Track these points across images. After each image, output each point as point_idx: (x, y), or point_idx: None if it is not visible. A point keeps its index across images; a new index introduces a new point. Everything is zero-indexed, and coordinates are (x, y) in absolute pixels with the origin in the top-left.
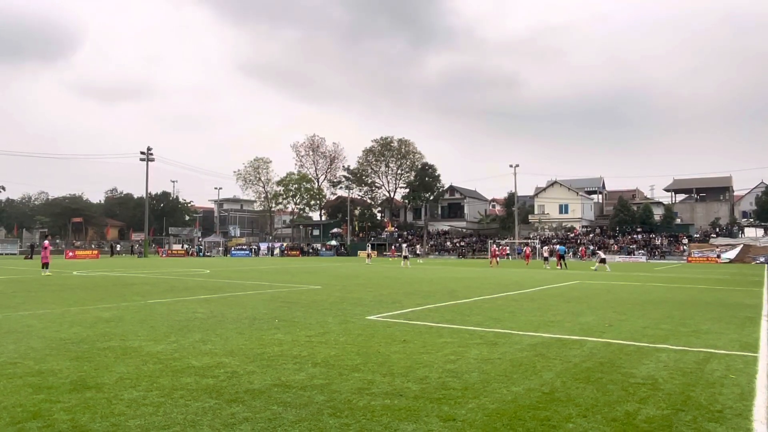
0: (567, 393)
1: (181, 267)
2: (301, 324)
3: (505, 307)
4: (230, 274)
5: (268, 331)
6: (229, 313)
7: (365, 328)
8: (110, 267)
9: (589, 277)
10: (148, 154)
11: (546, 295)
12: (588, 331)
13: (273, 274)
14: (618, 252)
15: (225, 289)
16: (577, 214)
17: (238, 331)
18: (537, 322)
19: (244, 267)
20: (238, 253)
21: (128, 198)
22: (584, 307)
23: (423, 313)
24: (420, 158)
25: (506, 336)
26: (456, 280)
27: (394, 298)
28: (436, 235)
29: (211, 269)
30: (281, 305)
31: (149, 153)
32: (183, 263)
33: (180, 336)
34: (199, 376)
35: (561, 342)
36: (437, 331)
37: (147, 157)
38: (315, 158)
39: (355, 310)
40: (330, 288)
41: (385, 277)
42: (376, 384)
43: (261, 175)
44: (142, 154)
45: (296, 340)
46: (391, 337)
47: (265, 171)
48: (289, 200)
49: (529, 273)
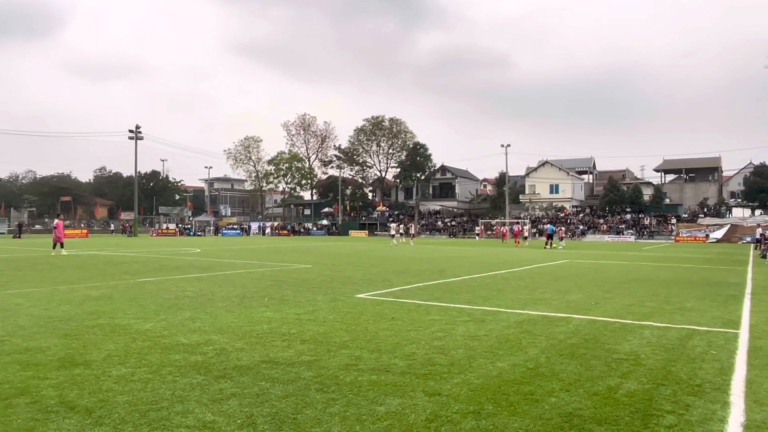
0: (551, 368)
1: (171, 246)
2: (291, 302)
3: (494, 286)
4: (221, 253)
5: (258, 309)
6: (218, 291)
7: (354, 306)
8: (99, 246)
9: (579, 257)
10: (137, 132)
11: (535, 274)
12: (574, 308)
13: (263, 253)
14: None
15: (215, 268)
16: (568, 194)
17: (228, 309)
18: (525, 300)
19: (234, 246)
20: (229, 232)
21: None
22: (572, 286)
23: (412, 292)
24: (411, 138)
25: (494, 314)
26: (446, 259)
27: (383, 276)
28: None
29: (202, 248)
30: (271, 284)
31: (138, 131)
32: (173, 242)
33: (169, 314)
34: (187, 353)
35: (547, 319)
36: (426, 309)
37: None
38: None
39: (345, 288)
40: (320, 267)
41: (376, 256)
42: (364, 360)
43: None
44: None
45: (285, 318)
46: (380, 314)
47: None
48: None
49: (519, 252)
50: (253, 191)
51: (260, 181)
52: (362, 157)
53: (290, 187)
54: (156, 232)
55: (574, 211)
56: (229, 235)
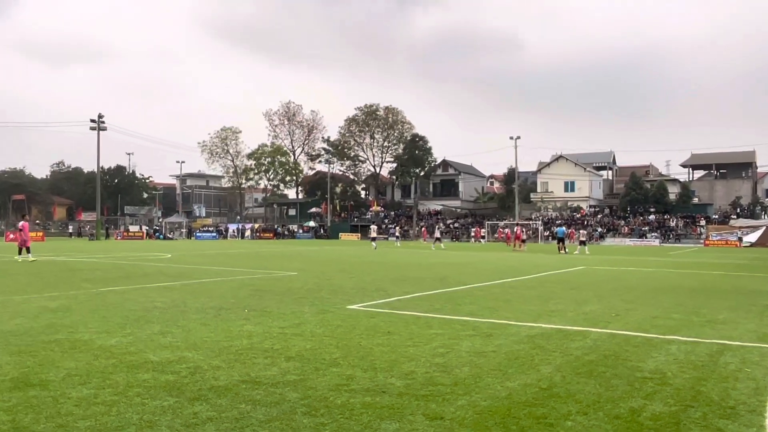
0: (567, 388)
1: (138, 251)
2: (274, 314)
3: (502, 296)
4: (194, 259)
5: (237, 322)
6: (192, 302)
7: (345, 319)
8: (57, 251)
9: (596, 263)
10: (99, 122)
11: (547, 282)
12: (592, 321)
13: (243, 259)
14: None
15: (188, 276)
16: (585, 193)
17: (203, 322)
18: (536, 311)
19: (210, 251)
20: (203, 235)
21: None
22: (589, 295)
23: (410, 302)
24: (409, 129)
25: (502, 327)
26: (448, 265)
27: (378, 285)
28: (427, 216)
29: (173, 253)
30: (251, 293)
31: (101, 121)
32: (140, 247)
33: (136, 328)
34: (157, 371)
35: (562, 333)
36: (426, 322)
37: (98, 125)
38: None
39: (335, 298)
40: (307, 274)
41: (369, 262)
42: (357, 380)
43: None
44: (93, 122)
45: (268, 332)
46: (374, 328)
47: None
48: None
49: (529, 258)
50: (231, 189)
51: (239, 177)
52: (354, 151)
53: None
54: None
55: (592, 211)
56: (203, 238)
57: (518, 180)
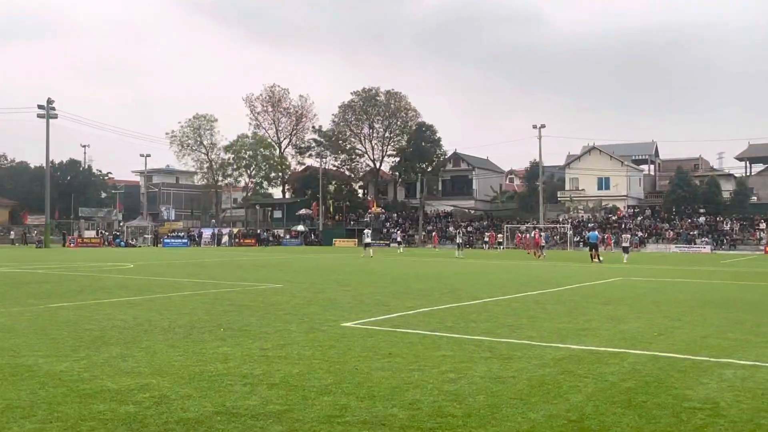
0: (601, 420)
1: (95, 260)
2: (255, 333)
3: (524, 311)
4: (161, 270)
5: (211, 344)
6: (158, 320)
7: (339, 339)
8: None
9: (636, 273)
10: (48, 108)
11: (578, 296)
12: (631, 341)
13: (219, 270)
14: (674, 240)
15: (154, 289)
16: (622, 191)
17: (170, 344)
18: (565, 330)
19: (180, 260)
20: (172, 242)
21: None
22: (627, 311)
23: (415, 319)
24: (415, 117)
25: (524, 348)
26: (460, 275)
27: (378, 299)
28: (436, 218)
29: (136, 263)
30: (228, 309)
31: (50, 107)
32: (98, 255)
33: (92, 350)
34: (116, 402)
35: (595, 355)
36: (433, 342)
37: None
38: (276, 116)
39: (327, 315)
40: (294, 287)
41: (367, 271)
42: (352, 410)
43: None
44: (41, 108)
45: (247, 355)
46: (373, 349)
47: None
48: (241, 172)
49: (556, 268)
50: (206, 187)
51: (215, 173)
52: (350, 143)
53: (255, 181)
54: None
55: (630, 212)
56: (173, 245)
57: (543, 176)
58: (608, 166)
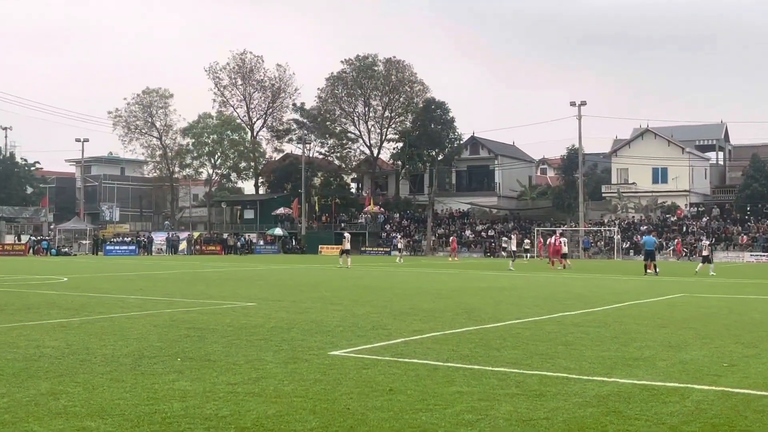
0: None
1: (19, 272)
2: (220, 364)
3: (559, 336)
4: (103, 284)
5: (165, 377)
6: (98, 347)
7: (327, 371)
8: None
9: (701, 288)
10: None
11: (627, 317)
12: (695, 373)
13: (175, 284)
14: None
15: (93, 309)
16: (683, 185)
17: (114, 377)
18: (611, 359)
19: (126, 272)
20: (117, 249)
21: None
22: (689, 336)
23: (423, 346)
24: (422, 92)
25: (559, 382)
26: (479, 291)
27: (375, 320)
28: (449, 219)
29: (71, 276)
30: (187, 334)
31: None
32: (22, 266)
33: (14, 385)
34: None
35: (649, 392)
36: (445, 375)
37: None
38: (247, 90)
39: (311, 340)
40: (271, 305)
41: (363, 287)
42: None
43: (155, 118)
44: None
45: (211, 391)
46: (370, 384)
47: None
48: (203, 161)
49: (599, 282)
50: (159, 181)
51: (170, 163)
52: (340, 124)
53: (221, 173)
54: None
55: (694, 212)
56: (117, 253)
57: (583, 166)
58: (666, 153)
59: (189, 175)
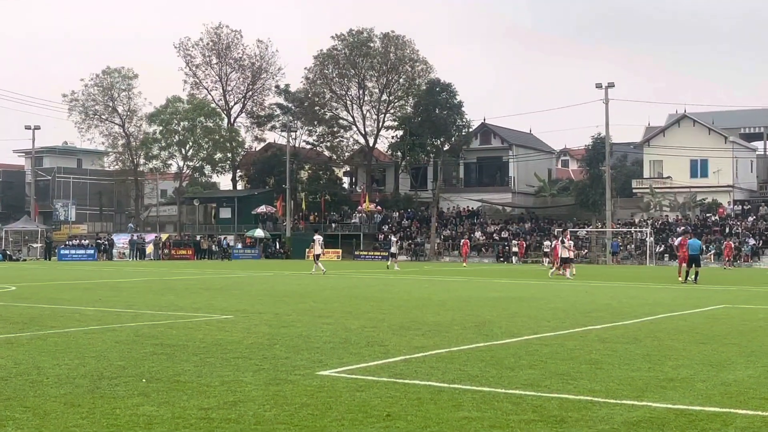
0: None
1: None
2: (192, 386)
3: (583, 354)
4: (56, 294)
5: (128, 401)
6: (50, 366)
7: (315, 394)
8: None
9: (746, 298)
10: None
11: (661, 331)
12: (739, 396)
13: (141, 294)
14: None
15: (45, 322)
16: (725, 179)
17: (69, 401)
18: (642, 380)
19: (84, 279)
20: (73, 253)
21: None
22: (734, 353)
23: (426, 365)
24: (425, 72)
25: (583, 407)
26: (490, 301)
27: (371, 336)
28: (456, 218)
29: (20, 284)
30: (154, 351)
31: None
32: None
33: None
34: None
35: (686, 417)
36: (452, 398)
37: None
38: (223, 70)
39: (297, 359)
40: (250, 319)
41: (357, 297)
42: None
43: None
44: None
45: (181, 417)
46: (364, 409)
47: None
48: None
49: (632, 291)
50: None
51: (134, 154)
52: (331, 110)
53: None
54: None
55: (738, 210)
56: (73, 258)
57: (611, 158)
58: (706, 142)
59: (156, 168)
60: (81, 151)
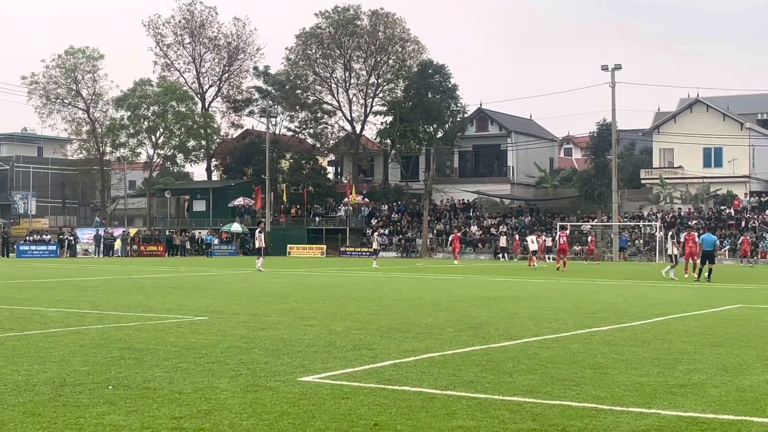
0: None
1: None
2: (163, 394)
3: (587, 357)
4: (14, 294)
5: (93, 409)
6: (9, 372)
7: (296, 401)
8: None
9: (761, 299)
10: None
11: (671, 333)
12: (755, 403)
13: (107, 293)
14: None
15: (2, 324)
16: (741, 168)
17: (29, 410)
18: (651, 386)
19: (45, 278)
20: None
21: None
22: (749, 357)
23: (417, 370)
24: (417, 53)
25: (586, 415)
26: (487, 301)
27: (357, 338)
28: (450, 211)
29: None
30: (121, 356)
31: None
32: None
33: None
34: None
35: (698, 425)
36: (445, 405)
37: None
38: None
39: (277, 364)
40: (227, 320)
41: (342, 296)
42: None
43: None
44: None
45: (151, 427)
46: (350, 417)
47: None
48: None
49: (640, 290)
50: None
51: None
52: (314, 93)
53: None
54: None
55: (755, 202)
56: (34, 255)
57: (618, 146)
58: (720, 129)
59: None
60: (42, 138)
